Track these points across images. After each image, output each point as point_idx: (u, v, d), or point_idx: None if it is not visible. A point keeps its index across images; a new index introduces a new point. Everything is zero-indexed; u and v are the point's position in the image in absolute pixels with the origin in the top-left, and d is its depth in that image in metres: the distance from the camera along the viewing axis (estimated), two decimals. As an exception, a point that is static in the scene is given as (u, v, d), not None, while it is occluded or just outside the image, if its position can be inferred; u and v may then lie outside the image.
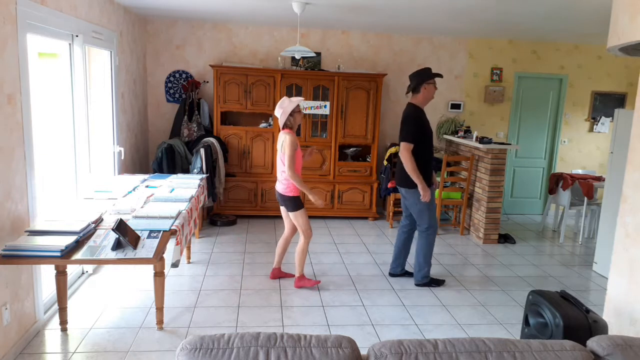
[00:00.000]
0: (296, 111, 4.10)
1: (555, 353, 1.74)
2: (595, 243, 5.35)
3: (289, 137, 4.03)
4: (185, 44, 6.68)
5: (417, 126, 4.26)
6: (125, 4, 5.36)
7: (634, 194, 3.00)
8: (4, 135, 2.95)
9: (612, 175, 5.03)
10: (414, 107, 4.34)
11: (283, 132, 4.12)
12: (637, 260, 2.93)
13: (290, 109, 4.06)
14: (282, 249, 4.48)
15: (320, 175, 6.62)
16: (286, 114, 4.06)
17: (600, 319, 2.77)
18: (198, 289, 4.25)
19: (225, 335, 1.69)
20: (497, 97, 7.21)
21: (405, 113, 4.35)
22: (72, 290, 4.01)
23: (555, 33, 6.33)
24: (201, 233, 5.81)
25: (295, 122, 4.12)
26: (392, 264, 4.74)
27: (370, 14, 5.43)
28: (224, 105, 6.35)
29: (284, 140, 4.07)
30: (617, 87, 7.43)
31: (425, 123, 4.35)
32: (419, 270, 4.51)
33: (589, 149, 7.58)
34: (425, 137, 4.32)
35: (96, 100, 4.90)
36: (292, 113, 4.07)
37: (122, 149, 5.29)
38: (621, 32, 2.89)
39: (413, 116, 4.29)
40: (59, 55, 4.15)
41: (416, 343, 1.73)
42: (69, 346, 3.26)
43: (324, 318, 3.83)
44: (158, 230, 3.26)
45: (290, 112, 4.06)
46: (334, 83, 6.40)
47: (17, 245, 2.83)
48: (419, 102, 4.34)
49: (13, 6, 3.01)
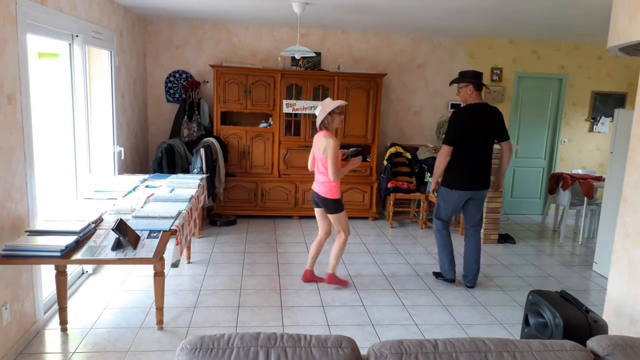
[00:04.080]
0: (336, 112, 4.07)
1: (555, 353, 1.74)
2: (595, 243, 5.35)
3: (332, 140, 4.00)
4: (185, 44, 6.67)
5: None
6: (125, 4, 5.36)
7: (634, 194, 3.00)
8: (4, 135, 2.95)
9: (612, 175, 5.03)
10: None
11: (324, 136, 4.07)
12: (637, 260, 2.93)
13: (330, 108, 4.04)
14: (317, 252, 4.45)
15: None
16: (325, 111, 4.05)
17: (600, 319, 2.77)
18: (198, 289, 4.25)
19: (225, 335, 1.69)
20: (497, 97, 7.20)
21: (498, 113, 4.38)
22: (72, 290, 4.01)
23: (556, 33, 6.33)
24: (201, 233, 5.81)
25: (334, 123, 4.11)
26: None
27: (370, 14, 5.43)
28: (224, 105, 6.35)
29: (326, 144, 4.02)
30: (617, 87, 7.43)
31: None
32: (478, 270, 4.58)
33: (589, 149, 7.58)
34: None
35: (96, 100, 4.90)
36: (331, 112, 4.05)
37: (122, 149, 5.28)
38: (621, 32, 2.89)
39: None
40: (59, 55, 4.15)
41: (416, 343, 1.73)
42: (69, 346, 3.26)
43: (324, 318, 3.83)
44: (158, 230, 3.26)
45: (330, 110, 4.04)
46: (334, 83, 6.40)
47: (17, 245, 2.83)
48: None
49: (13, 6, 3.01)
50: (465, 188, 4.35)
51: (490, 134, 4.34)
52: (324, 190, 4.17)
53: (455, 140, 4.28)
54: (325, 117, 4.06)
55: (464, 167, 4.32)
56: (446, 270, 4.56)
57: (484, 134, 4.31)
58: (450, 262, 4.55)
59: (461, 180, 4.35)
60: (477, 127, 4.28)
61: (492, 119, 4.34)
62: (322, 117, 4.06)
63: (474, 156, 4.32)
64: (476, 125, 4.29)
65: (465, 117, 4.31)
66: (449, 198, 4.43)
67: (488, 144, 4.37)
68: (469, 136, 4.28)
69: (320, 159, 4.12)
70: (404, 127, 7.22)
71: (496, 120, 4.35)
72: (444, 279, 4.61)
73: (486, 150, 4.36)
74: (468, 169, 4.33)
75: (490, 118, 4.33)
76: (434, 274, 4.74)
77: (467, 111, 4.33)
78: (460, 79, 4.37)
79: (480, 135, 4.30)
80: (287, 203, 6.61)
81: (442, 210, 4.52)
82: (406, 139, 7.19)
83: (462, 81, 4.35)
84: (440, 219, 4.54)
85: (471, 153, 4.31)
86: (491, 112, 4.35)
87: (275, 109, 6.39)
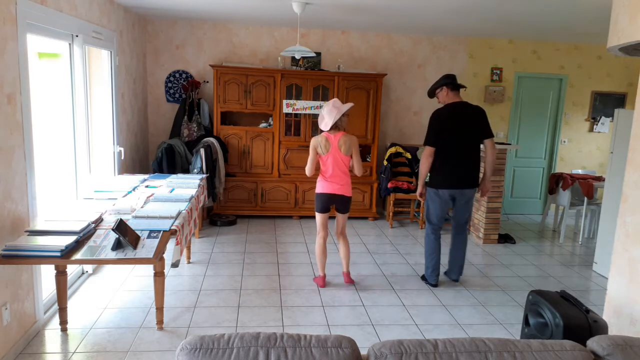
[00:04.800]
0: (347, 114, 4.24)
1: (555, 353, 1.74)
2: (595, 243, 5.35)
3: (355, 138, 4.26)
4: (185, 44, 6.68)
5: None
6: (125, 4, 5.36)
7: (634, 194, 2.99)
8: (4, 135, 2.95)
9: (612, 175, 5.03)
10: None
11: (345, 135, 4.21)
12: (637, 260, 2.93)
13: (345, 109, 4.18)
14: (346, 252, 4.48)
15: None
16: (341, 112, 4.16)
17: (600, 319, 2.77)
18: (198, 289, 4.25)
19: (225, 335, 1.69)
20: (497, 97, 7.20)
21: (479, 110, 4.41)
22: (72, 290, 4.01)
23: (555, 33, 6.33)
24: (201, 233, 5.81)
25: (347, 124, 4.27)
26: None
27: (370, 14, 5.43)
28: (224, 105, 6.35)
29: (351, 142, 4.22)
30: (617, 87, 7.43)
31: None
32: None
33: (589, 149, 7.58)
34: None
35: (96, 100, 4.90)
36: (346, 114, 4.20)
37: (122, 149, 5.28)
38: (621, 32, 2.89)
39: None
40: (59, 55, 4.15)
41: (416, 343, 1.73)
42: (69, 346, 3.26)
43: (324, 318, 3.83)
44: (158, 230, 3.26)
45: (345, 112, 4.17)
46: (334, 83, 6.40)
47: (17, 245, 2.83)
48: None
49: (13, 6, 3.01)
50: (450, 187, 4.35)
51: (471, 132, 4.32)
52: (349, 190, 4.33)
53: (432, 140, 4.30)
54: (340, 118, 4.16)
55: (447, 167, 4.32)
56: (429, 275, 4.54)
57: (465, 133, 4.29)
58: (433, 267, 4.50)
59: (445, 180, 4.35)
60: (455, 126, 4.29)
61: (473, 117, 4.33)
62: (337, 118, 4.14)
63: (456, 155, 4.31)
64: (455, 124, 4.29)
65: (442, 117, 4.32)
66: (435, 198, 4.42)
67: (471, 142, 4.34)
68: (448, 135, 4.28)
69: (344, 159, 4.22)
70: (404, 127, 7.22)
71: (477, 119, 4.34)
72: (426, 282, 4.58)
73: (470, 149, 4.34)
74: (451, 169, 4.32)
75: (470, 116, 4.33)
76: (421, 277, 4.70)
77: (443, 111, 4.35)
78: (433, 86, 4.46)
79: (460, 134, 4.29)
80: (287, 203, 6.61)
81: (432, 211, 4.49)
82: (406, 139, 7.19)
83: (435, 87, 4.43)
84: (431, 223, 4.51)
85: (453, 152, 4.30)
86: (471, 110, 4.35)
87: (275, 109, 6.39)
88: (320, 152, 4.22)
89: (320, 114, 4.25)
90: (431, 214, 4.50)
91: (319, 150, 4.22)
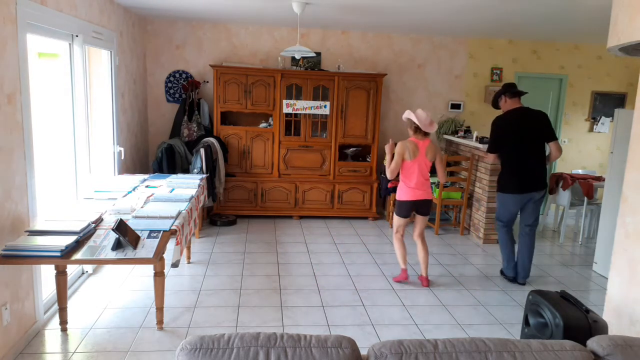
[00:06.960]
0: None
1: (555, 353, 1.74)
2: (595, 243, 5.35)
3: (438, 146, 4.46)
4: (185, 44, 6.68)
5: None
6: (125, 4, 5.36)
7: (634, 194, 2.99)
8: (4, 135, 2.95)
9: (612, 175, 5.03)
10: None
11: (431, 142, 4.33)
12: (637, 260, 2.93)
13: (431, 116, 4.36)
14: (425, 256, 4.54)
15: (320, 175, 6.62)
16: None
17: (600, 319, 2.77)
18: (198, 289, 4.25)
19: (225, 335, 1.69)
20: (497, 97, 7.20)
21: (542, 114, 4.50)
22: (72, 290, 4.01)
23: (555, 33, 6.33)
24: (201, 233, 5.81)
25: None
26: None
27: (370, 14, 5.43)
28: (224, 105, 6.35)
29: (436, 149, 4.35)
30: (617, 87, 7.43)
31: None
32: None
33: (589, 149, 7.58)
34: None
35: (96, 100, 4.90)
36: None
37: (122, 149, 5.28)
38: (621, 32, 2.89)
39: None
40: (59, 55, 4.15)
41: (416, 343, 1.73)
42: (69, 346, 3.26)
43: (324, 318, 3.83)
44: (158, 230, 3.26)
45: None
46: (334, 83, 6.40)
47: (17, 245, 2.83)
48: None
49: (13, 6, 3.01)
50: (522, 192, 4.46)
51: (535, 135, 4.41)
52: (431, 193, 4.43)
53: (493, 147, 4.53)
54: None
55: (515, 172, 4.44)
56: (505, 267, 4.73)
57: (528, 137, 4.40)
58: (507, 258, 4.68)
59: (516, 185, 4.46)
60: (517, 131, 4.40)
61: (534, 121, 4.43)
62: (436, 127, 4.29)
63: (522, 160, 4.42)
64: (516, 130, 4.41)
65: (503, 123, 4.48)
66: (505, 202, 4.57)
67: (536, 145, 4.43)
68: (511, 141, 4.42)
69: (428, 164, 4.30)
70: (404, 127, 7.20)
71: (539, 122, 4.44)
72: (504, 276, 4.75)
73: (535, 152, 4.43)
74: (519, 174, 4.43)
75: (531, 120, 4.43)
76: (500, 271, 4.88)
77: (504, 117, 4.50)
78: (494, 97, 4.59)
79: (524, 139, 4.40)
80: (287, 203, 6.61)
81: (502, 213, 4.68)
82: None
83: (496, 97, 4.57)
84: (501, 221, 4.68)
85: (519, 157, 4.42)
86: (533, 114, 4.45)
87: (275, 109, 6.39)
88: (407, 157, 4.26)
89: (414, 115, 4.24)
90: (501, 215, 4.68)
91: (405, 156, 4.26)
